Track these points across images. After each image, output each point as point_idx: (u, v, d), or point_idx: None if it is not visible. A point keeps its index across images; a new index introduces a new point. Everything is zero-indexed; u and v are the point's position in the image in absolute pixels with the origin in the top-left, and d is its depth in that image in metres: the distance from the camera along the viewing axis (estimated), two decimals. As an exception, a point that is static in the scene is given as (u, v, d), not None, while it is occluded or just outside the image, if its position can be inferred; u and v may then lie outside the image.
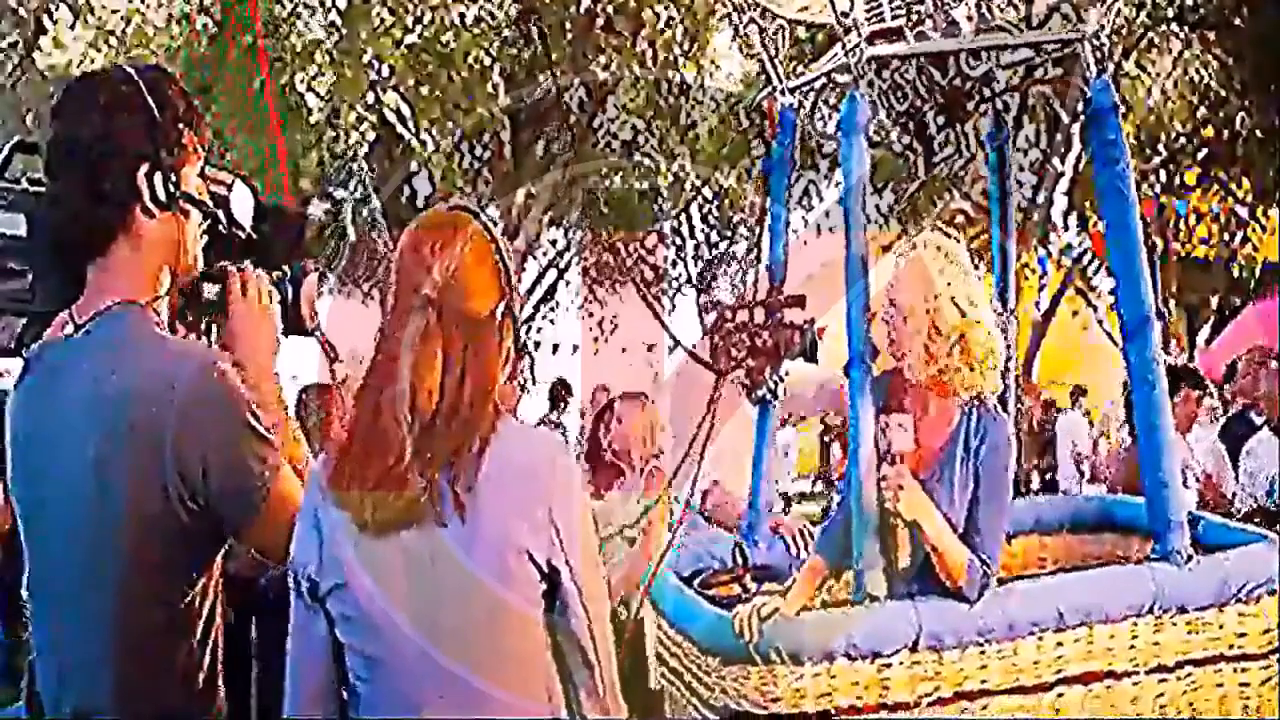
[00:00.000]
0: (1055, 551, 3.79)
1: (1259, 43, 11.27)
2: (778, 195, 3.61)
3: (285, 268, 2.11)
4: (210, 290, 2.01)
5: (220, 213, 1.98)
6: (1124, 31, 11.48)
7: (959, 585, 2.77)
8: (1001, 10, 3.19)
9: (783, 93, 3.45)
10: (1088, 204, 13.55)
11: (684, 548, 3.67)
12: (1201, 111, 12.20)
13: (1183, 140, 12.85)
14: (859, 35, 3.00)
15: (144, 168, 1.84)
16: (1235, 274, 14.36)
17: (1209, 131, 12.38)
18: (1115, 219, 3.11)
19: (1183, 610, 2.90)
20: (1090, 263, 14.99)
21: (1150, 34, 12.23)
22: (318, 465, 1.82)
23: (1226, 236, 13.75)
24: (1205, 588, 2.92)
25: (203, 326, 2.04)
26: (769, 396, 3.65)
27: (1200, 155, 12.62)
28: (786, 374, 3.63)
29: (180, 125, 1.88)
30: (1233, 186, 13.06)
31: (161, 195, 1.85)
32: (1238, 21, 11.44)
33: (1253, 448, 5.73)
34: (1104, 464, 9.99)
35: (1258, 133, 11.82)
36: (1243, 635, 2.95)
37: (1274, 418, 5.78)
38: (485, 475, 1.72)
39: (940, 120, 3.28)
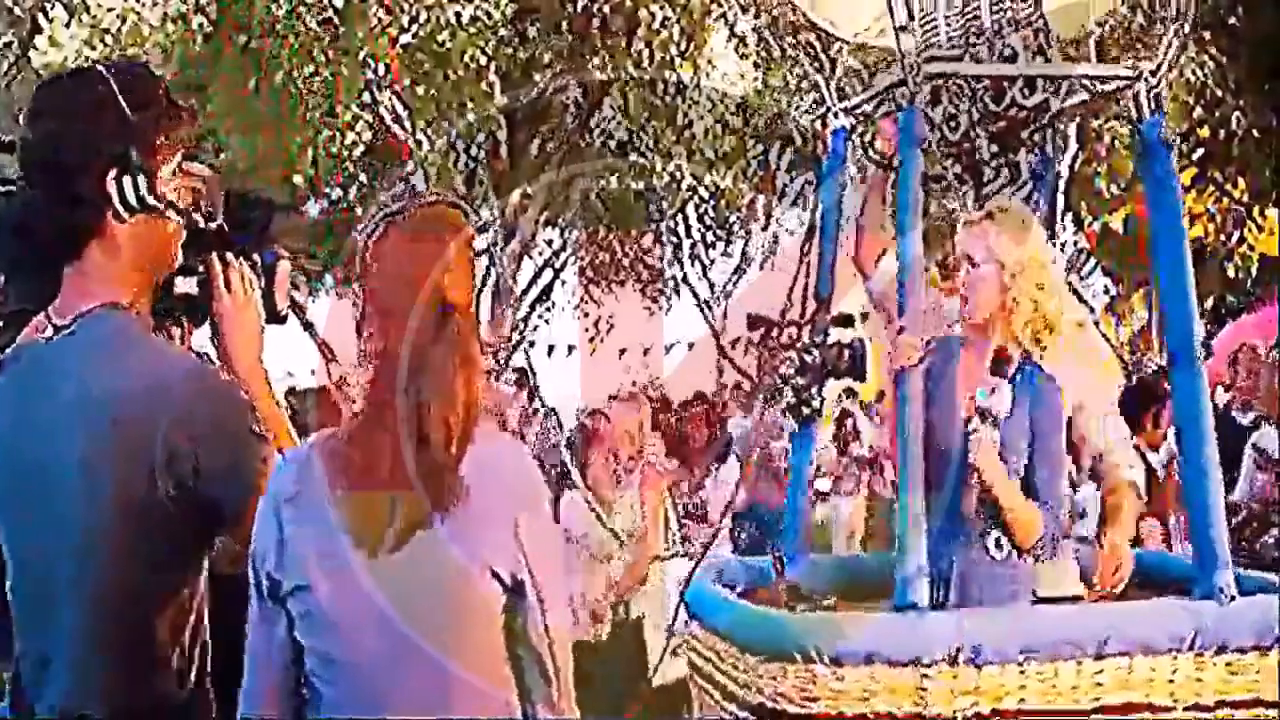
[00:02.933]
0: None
1: (1255, 43, 11.27)
2: (827, 214, 3.63)
3: (256, 256, 2.08)
4: (185, 284, 1.97)
5: (194, 213, 1.91)
6: (1119, 31, 11.45)
7: (1028, 547, 2.87)
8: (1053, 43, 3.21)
9: (835, 115, 3.49)
10: (1084, 204, 13.54)
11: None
12: (1198, 112, 12.18)
13: (1179, 140, 12.83)
14: (916, 59, 3.01)
15: (113, 172, 1.78)
16: (1232, 273, 14.34)
17: (1205, 132, 12.36)
18: (1167, 256, 3.12)
19: (1223, 649, 2.86)
20: (1085, 263, 14.98)
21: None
22: (316, 464, 1.79)
23: (1223, 236, 13.74)
24: (1247, 627, 2.88)
25: (174, 322, 2.00)
26: (813, 415, 3.65)
27: (1196, 155, 12.59)
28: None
29: (157, 124, 1.82)
30: (1228, 187, 13.05)
31: (132, 200, 1.79)
32: (1233, 21, 11.43)
33: (1257, 443, 5.65)
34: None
35: (1254, 133, 11.81)
36: None
37: (1273, 415, 5.74)
38: (461, 478, 1.71)
39: (993, 149, 3.31)
